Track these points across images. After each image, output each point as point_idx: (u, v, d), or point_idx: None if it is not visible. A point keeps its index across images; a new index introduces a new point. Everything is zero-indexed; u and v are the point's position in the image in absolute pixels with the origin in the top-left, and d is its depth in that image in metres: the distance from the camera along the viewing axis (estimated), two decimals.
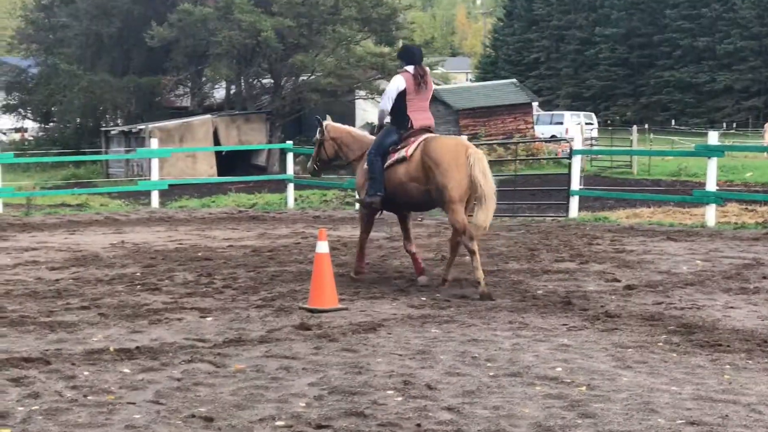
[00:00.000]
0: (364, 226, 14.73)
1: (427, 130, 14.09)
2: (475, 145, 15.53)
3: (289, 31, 50.58)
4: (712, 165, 21.89)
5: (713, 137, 22.56)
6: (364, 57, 53.28)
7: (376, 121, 14.95)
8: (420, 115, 13.99)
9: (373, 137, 14.54)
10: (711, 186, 21.96)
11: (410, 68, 13.91)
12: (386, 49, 56.16)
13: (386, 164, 13.85)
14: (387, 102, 14.00)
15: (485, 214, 13.13)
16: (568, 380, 8.89)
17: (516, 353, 10.00)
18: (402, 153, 13.74)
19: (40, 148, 59.16)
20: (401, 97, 13.82)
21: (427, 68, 14.29)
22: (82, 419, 7.81)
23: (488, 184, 13.14)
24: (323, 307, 12.24)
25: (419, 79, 13.85)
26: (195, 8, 50.30)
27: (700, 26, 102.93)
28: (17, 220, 24.48)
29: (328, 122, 15.33)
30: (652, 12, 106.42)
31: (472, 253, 13.23)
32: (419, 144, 13.63)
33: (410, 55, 14.18)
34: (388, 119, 14.43)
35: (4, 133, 75.29)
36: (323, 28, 52.44)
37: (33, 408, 8.13)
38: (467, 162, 13.17)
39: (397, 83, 13.85)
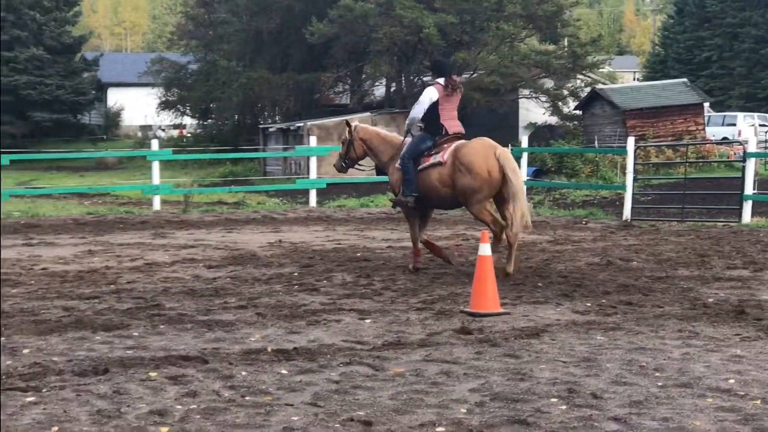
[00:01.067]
0: (411, 222, 16.01)
1: (459, 136, 15.45)
2: (642, 146, 15.87)
3: (452, 28, 50.59)
4: None
5: None
6: (528, 55, 53.00)
7: (407, 126, 15.81)
8: (452, 122, 15.35)
9: (401, 138, 16.06)
10: None
11: (441, 80, 15.24)
12: (551, 47, 55.85)
13: (421, 167, 15.24)
14: (420, 111, 15.21)
15: (520, 212, 14.67)
16: (742, 393, 8.69)
17: (686, 363, 9.82)
18: (438, 158, 15.10)
19: (198, 145, 60.35)
20: (434, 107, 15.12)
21: (457, 78, 15.72)
22: (240, 419, 7.92)
23: (519, 180, 14.75)
24: (485, 310, 12.20)
25: (449, 90, 15.19)
26: (356, 4, 50.62)
27: None
28: (175, 218, 25.01)
29: (356, 123, 16.74)
30: None
31: (499, 241, 15.10)
32: (452, 149, 15.00)
33: (441, 67, 15.60)
34: (416, 127, 15.54)
35: (163, 130, 77.04)
36: (486, 24, 52.35)
37: (191, 407, 8.28)
38: (497, 162, 14.55)
39: (431, 95, 15.18)
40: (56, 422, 7.81)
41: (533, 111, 56.38)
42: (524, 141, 30.24)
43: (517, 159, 30.79)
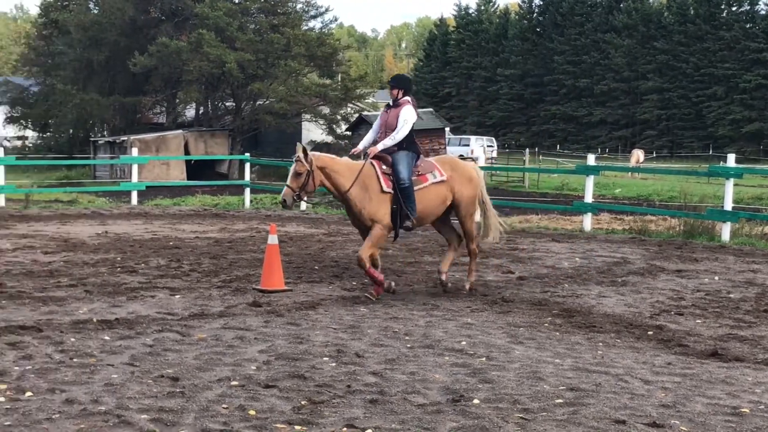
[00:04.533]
0: (372, 248, 11.93)
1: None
2: None
3: (249, 63, 50.39)
4: (590, 182, 22.09)
5: (591, 159, 22.74)
6: (310, 87, 53.22)
7: (388, 145, 12.03)
8: None
9: (354, 162, 12.18)
10: (588, 198, 22.15)
11: (410, 98, 12.31)
12: (328, 81, 56.16)
13: (422, 186, 12.08)
14: (406, 131, 12.02)
15: (495, 222, 13.09)
16: (471, 352, 8.86)
17: (429, 329, 9.97)
18: (437, 176, 12.21)
19: (38, 153, 58.39)
20: (411, 127, 12.18)
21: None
22: (68, 378, 7.64)
23: (486, 192, 12.99)
24: (272, 288, 12.14)
25: (415, 110, 12.32)
26: (171, 42, 49.93)
27: (581, 70, 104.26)
28: (17, 213, 24.08)
29: (310, 151, 11.87)
30: (543, 57, 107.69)
31: (475, 256, 12.90)
32: (443, 166, 12.43)
33: (409, 84, 12.53)
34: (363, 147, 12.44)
35: (8, 140, 74.24)
36: (277, 62, 52.33)
37: (27, 368, 7.95)
38: (479, 179, 12.73)
39: (414, 114, 12.21)
40: None
41: (313, 131, 56.70)
42: None
43: None
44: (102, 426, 6.38)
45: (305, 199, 12.13)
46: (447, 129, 56.79)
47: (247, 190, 29.30)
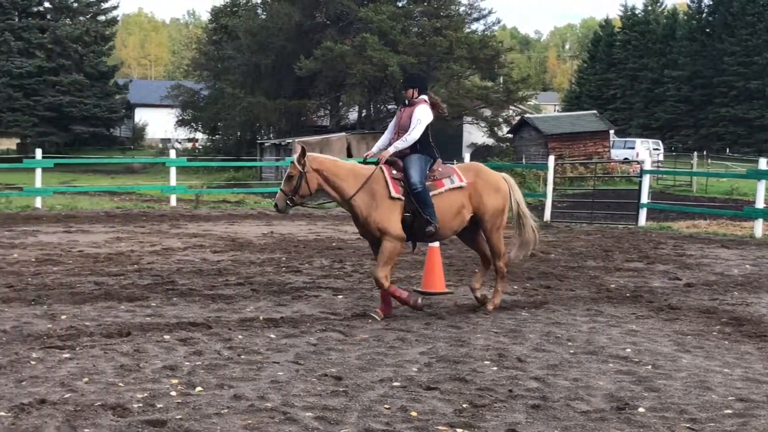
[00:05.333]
0: (388, 266, 10.63)
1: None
2: (560, 163, 14.18)
3: (411, 66, 50.61)
4: (761, 186, 21.33)
5: (763, 163, 21.95)
6: (471, 89, 53.11)
7: (400, 147, 10.86)
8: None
9: (361, 166, 11.04)
10: (760, 203, 21.39)
11: (426, 97, 11.14)
12: (490, 84, 55.94)
13: (435, 192, 10.80)
14: (419, 132, 10.85)
15: (533, 235, 11.88)
16: (636, 360, 8.68)
17: (592, 335, 9.82)
18: (455, 181, 10.98)
19: (207, 155, 60.19)
20: (427, 128, 10.99)
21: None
22: (236, 374, 7.85)
23: (524, 204, 11.80)
24: (434, 290, 12.17)
25: (432, 109, 11.19)
26: (335, 46, 50.58)
27: (753, 71, 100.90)
28: (187, 212, 24.88)
29: (309, 153, 10.84)
30: (713, 58, 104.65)
31: (503, 277, 11.46)
32: (466, 173, 11.26)
33: (424, 82, 11.32)
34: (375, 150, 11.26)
35: (179, 142, 76.72)
36: (439, 64, 52.43)
37: (197, 363, 8.21)
38: (509, 188, 11.50)
39: (429, 114, 11.01)
40: (87, 374, 7.72)
41: (474, 134, 56.52)
42: (466, 158, 30.36)
43: None
44: (268, 422, 6.53)
45: (303, 203, 11.02)
46: (611, 131, 55.79)
47: None
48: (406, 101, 11.17)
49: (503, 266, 11.39)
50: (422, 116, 10.89)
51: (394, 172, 10.78)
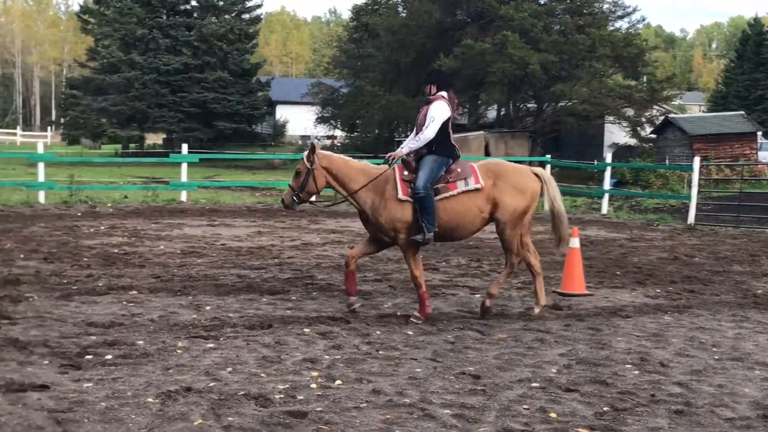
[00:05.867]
0: (417, 261, 10.53)
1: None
2: (705, 165, 13.65)
3: (552, 65, 50.08)
4: None
5: None
6: (614, 88, 52.23)
7: (414, 147, 10.57)
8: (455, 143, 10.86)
9: (373, 166, 11.04)
10: None
11: (445, 94, 10.72)
12: (633, 83, 54.98)
13: (446, 195, 10.40)
14: (434, 131, 10.41)
15: (567, 232, 11.26)
16: None
17: (738, 341, 9.58)
18: (471, 183, 10.47)
19: (346, 152, 60.69)
20: (445, 125, 10.56)
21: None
22: (375, 369, 7.95)
23: (561, 203, 11.14)
24: (573, 292, 12.07)
25: (452, 106, 10.76)
26: (476, 44, 50.44)
27: None
28: (325, 209, 25.21)
29: (318, 150, 10.83)
30: None
31: (511, 272, 10.93)
32: (486, 172, 10.64)
33: (444, 78, 11.02)
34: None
35: (319, 139, 77.69)
36: (581, 63, 51.73)
37: (336, 357, 8.34)
38: (539, 184, 10.83)
39: (446, 111, 10.57)
40: (230, 364, 7.92)
41: (616, 133, 55.60)
42: (608, 157, 29.98)
43: (602, 172, 30.41)
44: (407, 418, 6.59)
45: (310, 200, 11.06)
46: (759, 133, 54.14)
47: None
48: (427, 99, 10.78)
49: (516, 263, 10.81)
50: (436, 114, 10.48)
51: (406, 173, 10.49)
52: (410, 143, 10.62)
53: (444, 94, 10.65)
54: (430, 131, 10.34)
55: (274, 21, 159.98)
